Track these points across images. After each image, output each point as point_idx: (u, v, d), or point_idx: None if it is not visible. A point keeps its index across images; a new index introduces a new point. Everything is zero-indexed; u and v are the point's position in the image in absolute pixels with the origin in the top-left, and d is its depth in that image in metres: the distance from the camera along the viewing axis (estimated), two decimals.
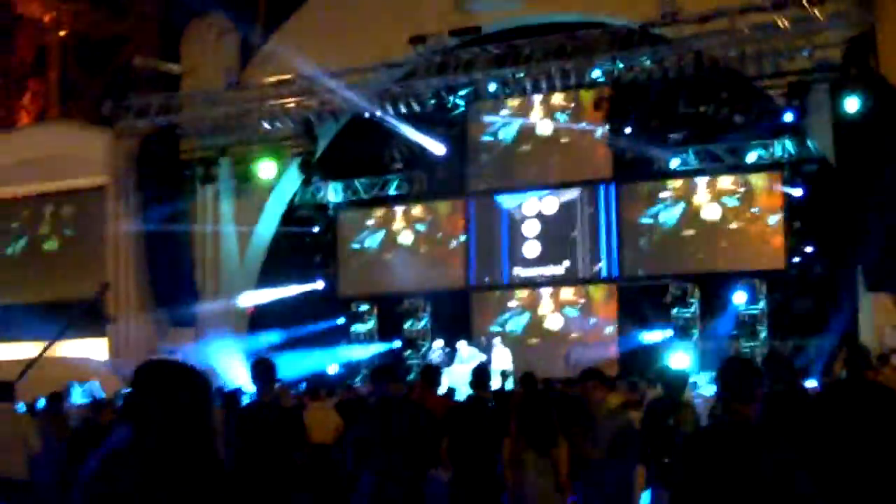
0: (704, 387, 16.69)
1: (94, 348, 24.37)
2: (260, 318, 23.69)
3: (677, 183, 22.20)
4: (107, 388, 18.72)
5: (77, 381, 19.08)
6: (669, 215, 22.18)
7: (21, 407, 15.25)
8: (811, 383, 12.69)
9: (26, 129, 26.99)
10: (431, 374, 11.24)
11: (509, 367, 20.35)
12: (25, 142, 26.01)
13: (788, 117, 19.38)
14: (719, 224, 21.80)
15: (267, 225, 24.26)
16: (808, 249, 20.88)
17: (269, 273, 24.24)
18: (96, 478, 3.80)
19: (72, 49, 26.70)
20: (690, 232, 22.05)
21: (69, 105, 26.12)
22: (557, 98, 22.83)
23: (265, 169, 22.81)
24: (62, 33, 27.10)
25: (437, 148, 22.72)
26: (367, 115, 21.53)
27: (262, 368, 8.53)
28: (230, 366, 20.69)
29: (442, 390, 13.27)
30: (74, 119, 25.51)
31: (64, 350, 24.85)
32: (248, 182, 23.22)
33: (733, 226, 21.72)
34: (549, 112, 23.19)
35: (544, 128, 23.26)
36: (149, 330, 23.34)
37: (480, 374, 9.77)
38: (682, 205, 22.14)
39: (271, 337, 22.36)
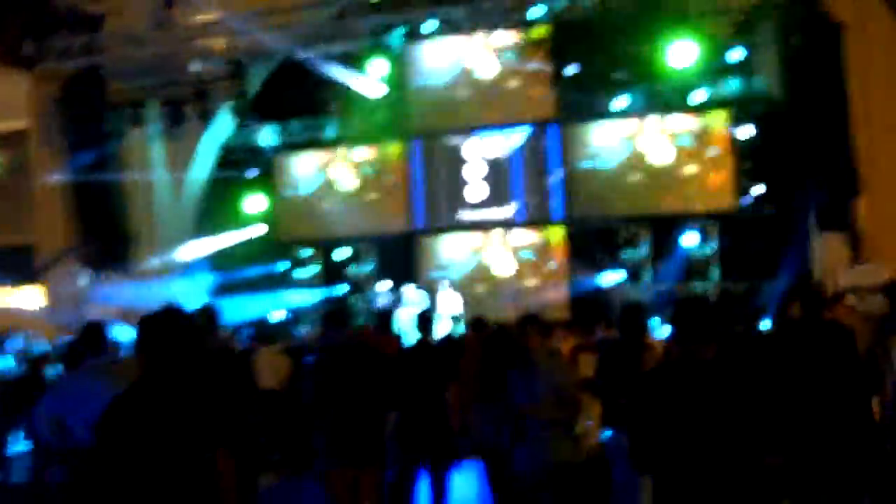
0: (659, 328, 16.39)
1: (26, 297, 23.89)
2: (198, 264, 23.08)
3: (623, 123, 21.59)
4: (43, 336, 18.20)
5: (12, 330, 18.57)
6: (616, 156, 21.63)
7: None
8: (765, 324, 12.39)
9: None
10: (385, 317, 12.14)
11: (459, 311, 20.09)
12: None
13: (737, 55, 18.93)
14: (667, 165, 21.30)
15: (200, 169, 23.50)
16: (759, 190, 20.48)
17: (206, 219, 23.55)
18: (113, 413, 4.66)
19: None
20: (638, 173, 21.54)
21: None
22: (498, 37, 22.02)
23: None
24: None
25: (374, 89, 21.95)
26: (299, 56, 20.74)
27: (206, 315, 8.37)
28: None
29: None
30: None
31: None
32: (179, 125, 22.44)
33: (682, 167, 21.22)
34: (490, 51, 22.39)
35: (485, 68, 22.49)
36: (82, 278, 22.80)
37: (424, 319, 10.02)
38: (628, 146, 21.57)
39: (210, 280, 21.98)
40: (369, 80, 21.88)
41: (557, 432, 7.83)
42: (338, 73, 21.44)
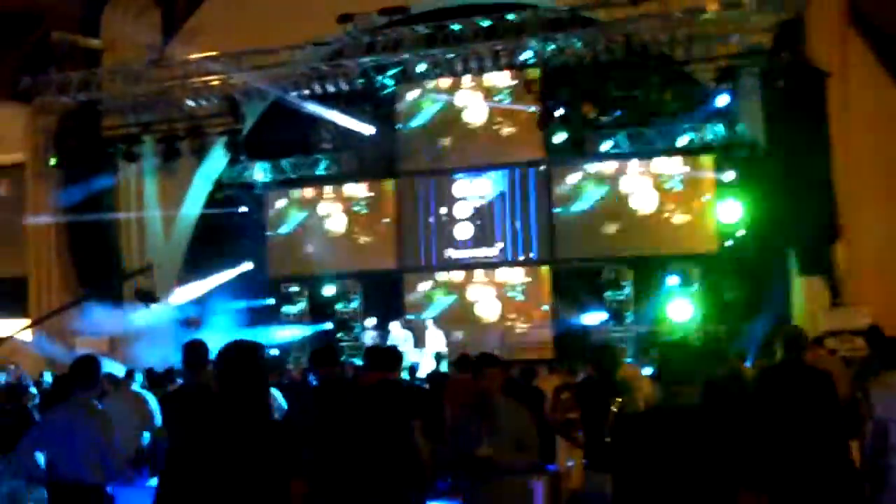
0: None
1: (15, 328, 23.88)
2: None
3: (609, 166, 22.00)
4: (30, 368, 18.24)
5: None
6: (602, 198, 22.00)
7: None
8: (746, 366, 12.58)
9: None
10: (375, 356, 11.08)
11: (443, 349, 20.23)
12: None
13: (722, 101, 19.39)
14: (652, 207, 21.65)
15: (193, 205, 23.73)
16: (740, 233, 20.82)
17: (196, 254, 23.73)
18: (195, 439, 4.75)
19: None
20: (623, 215, 21.92)
21: None
22: (488, 79, 22.50)
23: None
24: None
25: (365, 128, 22.30)
26: (293, 94, 21.03)
27: (193, 351, 8.18)
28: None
29: None
30: None
31: None
32: (173, 161, 22.61)
33: (666, 209, 21.63)
34: (480, 94, 22.85)
35: (474, 109, 22.90)
36: (72, 311, 22.83)
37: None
38: (614, 188, 21.98)
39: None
40: (361, 120, 22.19)
41: (512, 480, 7.39)
42: (330, 112, 21.75)
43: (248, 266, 23.96)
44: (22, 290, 23.82)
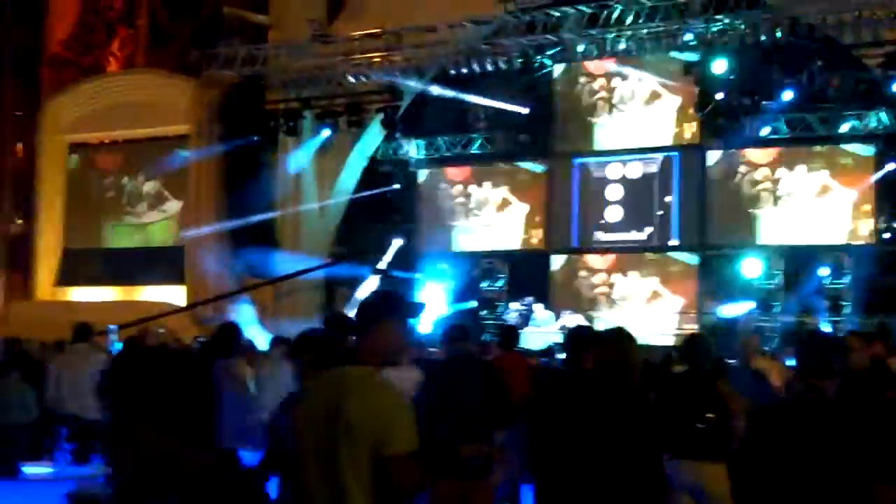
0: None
1: (173, 294, 24.77)
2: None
3: (767, 152, 21.70)
4: (183, 333, 18.87)
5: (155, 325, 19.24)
6: (758, 184, 21.69)
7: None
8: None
9: (114, 75, 27.23)
10: (509, 335, 11.14)
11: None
12: (113, 88, 26.31)
13: (889, 87, 18.72)
14: (808, 195, 21.28)
15: (348, 180, 24.26)
16: None
17: (349, 229, 24.24)
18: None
19: None
20: (777, 202, 21.58)
21: (156, 53, 26.25)
22: (648, 60, 22.12)
23: None
24: None
25: (521, 108, 22.46)
26: (451, 73, 21.33)
27: (228, 331, 8.46)
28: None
29: None
30: (161, 67, 25.66)
31: (146, 294, 25.36)
32: (331, 136, 23.15)
33: (822, 197, 21.18)
34: (639, 74, 22.65)
35: (632, 90, 22.80)
36: (226, 279, 23.56)
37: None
38: (771, 174, 21.64)
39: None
40: (517, 100, 22.36)
41: None
42: (487, 91, 21.99)
43: (399, 242, 24.32)
44: (179, 258, 24.78)
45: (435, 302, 21.60)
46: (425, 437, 4.25)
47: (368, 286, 22.87)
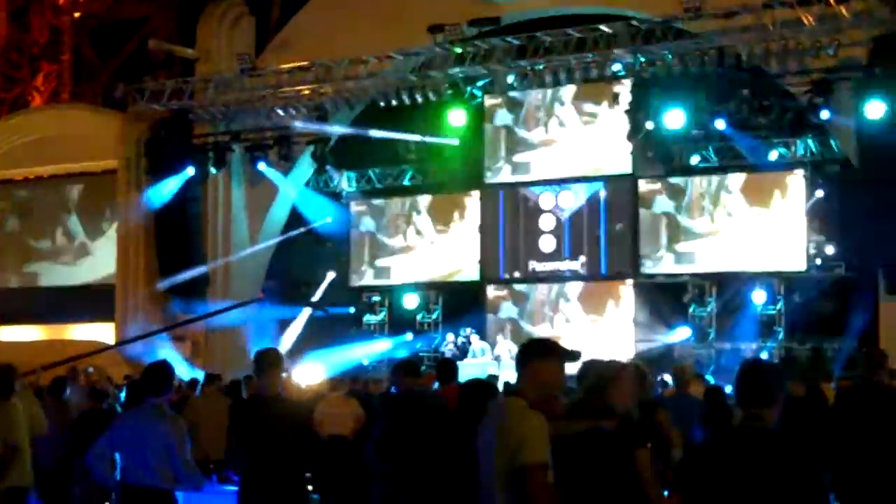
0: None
1: (102, 332, 24.32)
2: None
3: (697, 180, 21.79)
4: (113, 372, 18.46)
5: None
6: (688, 213, 21.75)
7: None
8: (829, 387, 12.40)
9: (38, 110, 26.79)
10: (446, 367, 10.99)
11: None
12: (37, 123, 25.86)
13: (825, 115, 18.77)
14: (739, 223, 21.34)
15: (279, 213, 24.00)
16: (829, 251, 20.59)
17: (280, 263, 23.97)
18: None
19: (86, 31, 26.51)
20: (709, 230, 21.61)
21: (82, 87, 25.91)
22: (577, 91, 22.23)
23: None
24: (77, 14, 26.91)
25: (451, 140, 22.41)
26: (382, 104, 21.24)
27: (159, 370, 7.98)
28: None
29: None
30: (87, 101, 25.28)
31: (75, 334, 24.88)
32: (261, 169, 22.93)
33: (753, 225, 21.25)
34: (569, 105, 22.65)
35: (563, 121, 22.78)
36: (157, 317, 23.16)
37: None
38: (701, 202, 21.70)
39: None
40: (448, 131, 22.28)
41: None
42: (418, 122, 21.89)
43: (332, 275, 24.09)
44: (109, 294, 24.32)
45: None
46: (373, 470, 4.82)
47: (300, 321, 22.71)
